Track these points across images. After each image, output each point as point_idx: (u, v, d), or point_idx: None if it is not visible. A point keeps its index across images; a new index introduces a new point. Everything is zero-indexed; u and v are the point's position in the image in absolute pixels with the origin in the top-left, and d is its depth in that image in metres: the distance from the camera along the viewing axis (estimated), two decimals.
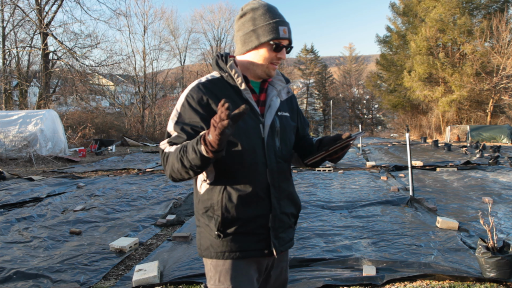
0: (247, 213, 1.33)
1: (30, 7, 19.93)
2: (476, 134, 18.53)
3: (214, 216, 1.34)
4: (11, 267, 3.40)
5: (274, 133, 1.40)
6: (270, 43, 1.33)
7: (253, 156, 1.34)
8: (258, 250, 1.36)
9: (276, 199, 1.38)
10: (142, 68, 27.62)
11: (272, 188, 1.37)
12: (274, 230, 1.38)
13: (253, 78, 1.42)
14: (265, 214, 1.36)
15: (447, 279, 2.99)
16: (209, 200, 1.35)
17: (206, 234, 1.37)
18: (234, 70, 1.36)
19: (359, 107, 49.52)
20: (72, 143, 16.68)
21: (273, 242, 1.38)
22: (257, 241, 1.36)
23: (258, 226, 1.35)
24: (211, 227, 1.34)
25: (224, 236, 1.33)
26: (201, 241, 1.39)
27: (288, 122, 1.48)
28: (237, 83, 1.36)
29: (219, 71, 1.39)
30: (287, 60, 47.39)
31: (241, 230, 1.34)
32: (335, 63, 59.11)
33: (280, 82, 1.49)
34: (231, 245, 1.34)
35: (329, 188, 7.08)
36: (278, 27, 1.32)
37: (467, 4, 22.42)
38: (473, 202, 5.73)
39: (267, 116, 1.39)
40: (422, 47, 22.04)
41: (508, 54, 19.69)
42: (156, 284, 3.03)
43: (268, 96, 1.44)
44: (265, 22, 1.33)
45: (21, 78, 20.32)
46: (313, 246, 3.82)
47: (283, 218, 1.41)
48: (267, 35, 1.33)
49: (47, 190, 7.33)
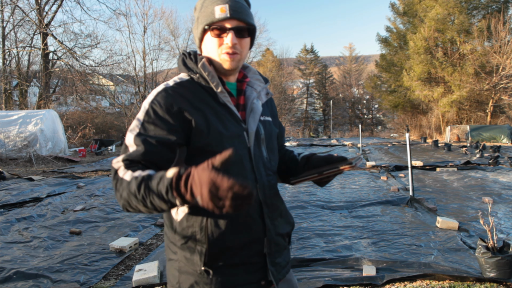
0: (239, 239, 1.11)
1: (30, 7, 19.94)
2: (476, 134, 18.53)
3: (197, 248, 1.10)
4: (11, 267, 3.41)
5: (260, 142, 1.19)
6: (206, 28, 1.12)
7: (241, 170, 1.12)
8: (254, 283, 1.15)
9: (269, 219, 1.17)
10: (142, 68, 27.61)
11: (264, 206, 1.16)
12: (270, 256, 1.17)
13: (227, 79, 1.21)
14: (260, 239, 1.15)
15: (447, 279, 2.99)
16: (189, 228, 1.10)
17: (188, 270, 1.11)
18: (208, 71, 1.13)
19: (359, 107, 49.52)
20: (72, 143, 16.68)
21: (271, 270, 1.17)
22: (251, 272, 1.14)
23: (252, 254, 1.14)
24: (195, 261, 1.10)
25: (213, 271, 1.10)
26: (181, 279, 1.13)
27: (272, 128, 1.28)
28: (212, 85, 1.13)
29: (188, 72, 1.17)
30: (287, 60, 47.39)
31: (232, 261, 1.11)
32: (335, 63, 59.10)
33: (259, 82, 1.28)
34: (222, 281, 1.10)
35: (329, 188, 7.08)
36: (214, 7, 1.10)
37: (466, 4, 22.42)
38: (473, 202, 5.73)
39: (250, 122, 1.18)
40: (421, 46, 22.04)
41: (507, 54, 19.68)
42: (156, 284, 3.03)
43: (248, 98, 1.22)
44: (206, 6, 1.13)
45: (21, 78, 20.32)
46: (313, 246, 3.82)
47: (279, 240, 1.21)
48: (202, 21, 1.12)
49: (47, 190, 7.33)
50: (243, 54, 1.17)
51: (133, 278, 3.07)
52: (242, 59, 1.17)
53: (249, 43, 1.20)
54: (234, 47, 1.12)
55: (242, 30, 1.12)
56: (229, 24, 1.10)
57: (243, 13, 1.12)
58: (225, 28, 1.10)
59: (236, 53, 1.13)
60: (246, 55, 1.19)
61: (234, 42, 1.11)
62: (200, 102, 1.13)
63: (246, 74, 1.29)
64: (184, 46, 33.27)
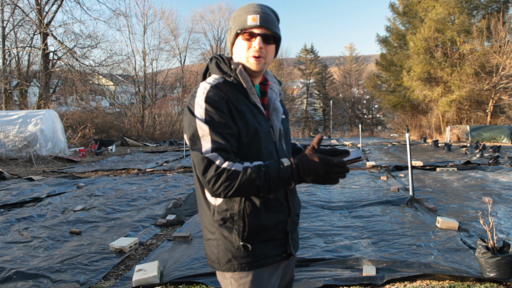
0: (271, 219, 1.31)
1: (30, 7, 19.95)
2: (476, 134, 18.53)
3: (234, 227, 1.28)
4: (11, 267, 3.40)
5: (281, 137, 1.40)
6: (238, 33, 1.30)
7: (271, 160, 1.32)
8: (278, 255, 1.36)
9: (292, 202, 1.39)
10: (142, 68, 27.62)
11: (288, 192, 1.38)
12: (291, 233, 1.39)
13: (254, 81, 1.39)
14: (285, 219, 1.36)
15: (447, 279, 2.99)
16: (228, 210, 1.28)
17: (227, 247, 1.30)
18: (243, 76, 1.31)
19: (359, 107, 49.51)
20: (72, 143, 16.68)
21: (291, 244, 1.39)
22: (277, 246, 1.35)
23: (279, 231, 1.35)
24: (233, 238, 1.28)
25: (250, 245, 1.29)
26: (219, 254, 1.31)
27: (286, 125, 1.48)
28: (247, 87, 1.32)
29: (222, 75, 1.33)
30: (287, 60, 47.39)
31: (264, 238, 1.31)
32: (335, 63, 59.08)
33: (275, 85, 1.47)
34: (254, 254, 1.30)
35: (329, 188, 7.08)
36: (247, 16, 1.28)
37: (466, 4, 22.42)
38: (473, 202, 5.73)
39: (274, 120, 1.38)
40: (421, 47, 22.04)
41: (507, 54, 19.68)
42: (156, 284, 3.03)
43: (270, 99, 1.42)
44: (239, 15, 1.32)
45: (21, 78, 20.32)
46: (313, 246, 3.82)
47: (295, 219, 1.43)
48: (235, 27, 1.31)
49: (47, 190, 7.33)
50: (268, 59, 1.33)
51: (133, 278, 3.06)
52: (267, 63, 1.34)
53: (274, 50, 1.36)
54: (260, 51, 1.29)
55: (269, 37, 1.30)
56: (258, 31, 1.28)
57: (271, 24, 1.30)
58: (254, 34, 1.29)
59: (262, 57, 1.30)
60: (271, 60, 1.36)
61: (260, 46, 1.28)
62: (237, 101, 1.29)
63: (267, 78, 1.47)
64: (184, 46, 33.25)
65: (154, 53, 44.37)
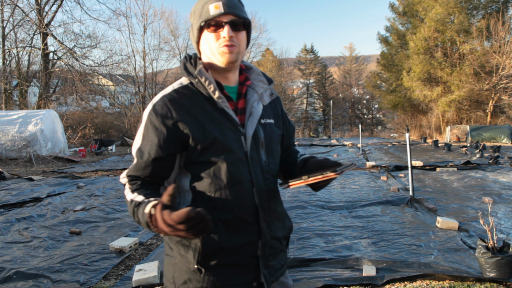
0: (232, 241, 1.14)
1: (30, 7, 19.94)
2: (476, 134, 18.52)
3: (191, 246, 1.14)
4: (11, 267, 3.40)
5: (259, 145, 1.21)
6: (202, 26, 1.16)
7: (237, 174, 1.15)
8: (245, 284, 1.18)
9: (265, 222, 1.19)
10: (142, 68, 27.61)
11: (260, 210, 1.18)
12: (264, 259, 1.20)
13: (227, 82, 1.23)
14: (254, 241, 1.18)
15: (447, 279, 2.99)
16: None
17: (182, 267, 1.16)
18: (205, 77, 1.16)
19: (359, 107, 49.50)
20: (72, 143, 16.67)
21: (263, 272, 1.19)
22: (244, 273, 1.17)
23: (245, 256, 1.17)
24: (189, 258, 1.14)
25: (206, 270, 1.14)
26: (175, 274, 1.18)
27: (272, 130, 1.28)
28: (209, 91, 1.16)
29: (188, 77, 1.19)
30: (287, 60, 47.37)
31: (225, 262, 1.15)
32: (335, 63, 59.06)
33: (262, 83, 1.29)
34: (214, 279, 1.14)
35: (329, 188, 7.08)
36: (208, 6, 1.15)
37: (466, 4, 22.43)
38: (473, 202, 5.73)
39: (248, 126, 1.19)
40: (421, 46, 22.04)
41: (507, 54, 19.68)
42: (156, 284, 3.03)
43: (248, 102, 1.24)
44: (199, 7, 1.18)
45: (21, 78, 20.31)
46: (313, 246, 3.82)
47: (274, 243, 1.23)
48: (198, 20, 1.17)
49: (47, 190, 7.33)
50: (241, 47, 1.19)
51: (133, 278, 3.07)
52: (240, 52, 1.19)
53: (246, 37, 1.22)
54: (231, 40, 1.15)
55: (237, 23, 1.16)
56: (224, 19, 1.15)
57: (236, 8, 1.16)
58: (221, 22, 1.14)
59: (234, 45, 1.16)
60: (244, 49, 1.21)
61: (230, 35, 1.14)
62: (197, 109, 1.16)
63: (248, 77, 1.30)
64: (184, 46, 33.25)
65: (154, 53, 44.45)
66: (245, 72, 1.30)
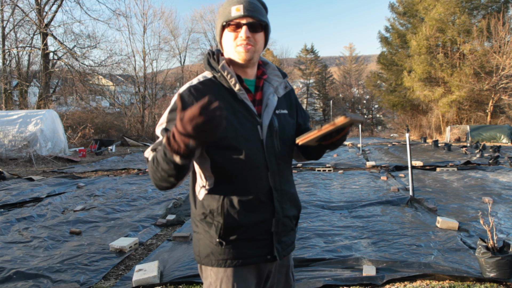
0: (249, 218, 1.29)
1: (30, 7, 19.93)
2: (476, 134, 18.52)
3: (214, 223, 1.29)
4: (11, 267, 3.40)
5: (273, 134, 1.34)
6: (224, 25, 1.30)
7: (254, 160, 1.28)
8: (260, 256, 1.33)
9: (278, 202, 1.34)
10: (141, 68, 27.62)
11: (274, 191, 1.32)
12: (277, 235, 1.34)
13: (246, 76, 1.36)
14: (268, 219, 1.32)
15: (447, 279, 2.99)
16: (208, 206, 1.30)
17: (206, 241, 1.32)
18: (227, 71, 1.29)
19: (359, 107, 49.49)
20: (72, 143, 16.67)
21: (276, 247, 1.34)
22: (259, 247, 1.32)
23: (260, 232, 1.32)
24: (212, 234, 1.29)
25: (226, 243, 1.28)
26: (200, 248, 1.34)
27: (286, 120, 1.41)
28: (231, 84, 1.29)
29: (211, 71, 1.32)
30: (287, 60, 47.41)
31: (243, 237, 1.29)
32: (335, 63, 59.08)
33: (277, 77, 1.43)
34: (233, 252, 1.29)
35: (329, 188, 7.08)
36: (231, 8, 1.28)
37: (467, 3, 22.43)
38: (473, 202, 5.73)
39: (264, 116, 1.33)
40: (422, 46, 22.04)
41: (507, 54, 19.68)
42: (156, 284, 3.03)
43: (265, 94, 1.37)
44: (222, 10, 1.32)
45: (21, 78, 20.31)
46: (313, 246, 3.82)
47: (286, 221, 1.37)
48: (220, 20, 1.31)
49: (47, 190, 7.33)
50: (257, 47, 1.31)
51: (133, 278, 3.06)
52: (257, 51, 1.31)
53: (263, 38, 1.35)
54: (248, 40, 1.28)
55: (255, 25, 1.29)
56: (243, 21, 1.27)
57: (256, 12, 1.29)
58: (240, 24, 1.28)
59: (250, 45, 1.28)
60: (261, 48, 1.34)
61: (247, 35, 1.27)
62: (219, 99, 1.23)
63: (265, 71, 1.43)
64: (184, 46, 33.25)
65: (154, 53, 44.41)
66: (262, 67, 1.43)
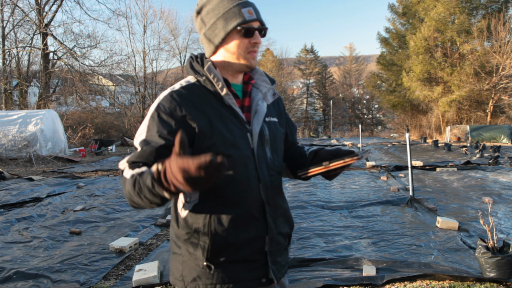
0: (240, 237, 1.14)
1: (30, 7, 19.93)
2: (476, 134, 18.52)
3: (200, 243, 1.14)
4: (11, 267, 3.40)
5: (264, 142, 1.22)
6: (237, 29, 1.15)
7: (244, 170, 1.15)
8: (254, 279, 1.18)
9: (272, 218, 1.20)
10: (142, 68, 27.60)
11: (267, 205, 1.19)
12: (272, 255, 1.20)
13: (234, 80, 1.24)
14: (261, 237, 1.18)
15: (447, 279, 2.99)
16: (193, 224, 1.14)
17: (191, 264, 1.16)
18: (213, 74, 1.16)
19: (359, 107, 49.49)
20: (72, 143, 16.67)
21: (271, 268, 1.20)
22: (252, 269, 1.18)
23: (253, 251, 1.17)
24: (197, 256, 1.14)
25: (215, 266, 1.14)
26: (184, 272, 1.17)
27: (277, 128, 1.30)
28: (217, 88, 1.16)
29: (195, 75, 1.20)
30: (287, 60, 47.36)
31: (234, 258, 1.15)
32: (335, 63, 59.05)
33: (265, 83, 1.30)
34: (223, 276, 1.14)
35: (329, 188, 7.08)
36: (241, 9, 1.15)
37: (467, 4, 22.43)
38: (473, 202, 5.73)
39: (254, 123, 1.21)
40: (421, 46, 22.03)
41: (507, 54, 19.68)
42: (156, 284, 3.03)
43: (253, 100, 1.26)
44: (226, 8, 1.16)
45: (21, 78, 20.31)
46: (313, 246, 3.82)
47: (280, 239, 1.24)
48: (232, 21, 1.15)
49: (47, 190, 7.33)
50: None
51: (133, 278, 3.07)
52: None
53: None
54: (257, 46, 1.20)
55: (261, 30, 1.21)
56: (255, 25, 1.18)
57: (260, 15, 1.20)
58: (253, 28, 1.17)
59: (256, 51, 1.21)
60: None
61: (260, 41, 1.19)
62: (205, 105, 1.16)
63: (252, 76, 1.32)
64: (184, 46, 33.24)
65: (154, 53, 44.40)
66: (248, 72, 1.32)
